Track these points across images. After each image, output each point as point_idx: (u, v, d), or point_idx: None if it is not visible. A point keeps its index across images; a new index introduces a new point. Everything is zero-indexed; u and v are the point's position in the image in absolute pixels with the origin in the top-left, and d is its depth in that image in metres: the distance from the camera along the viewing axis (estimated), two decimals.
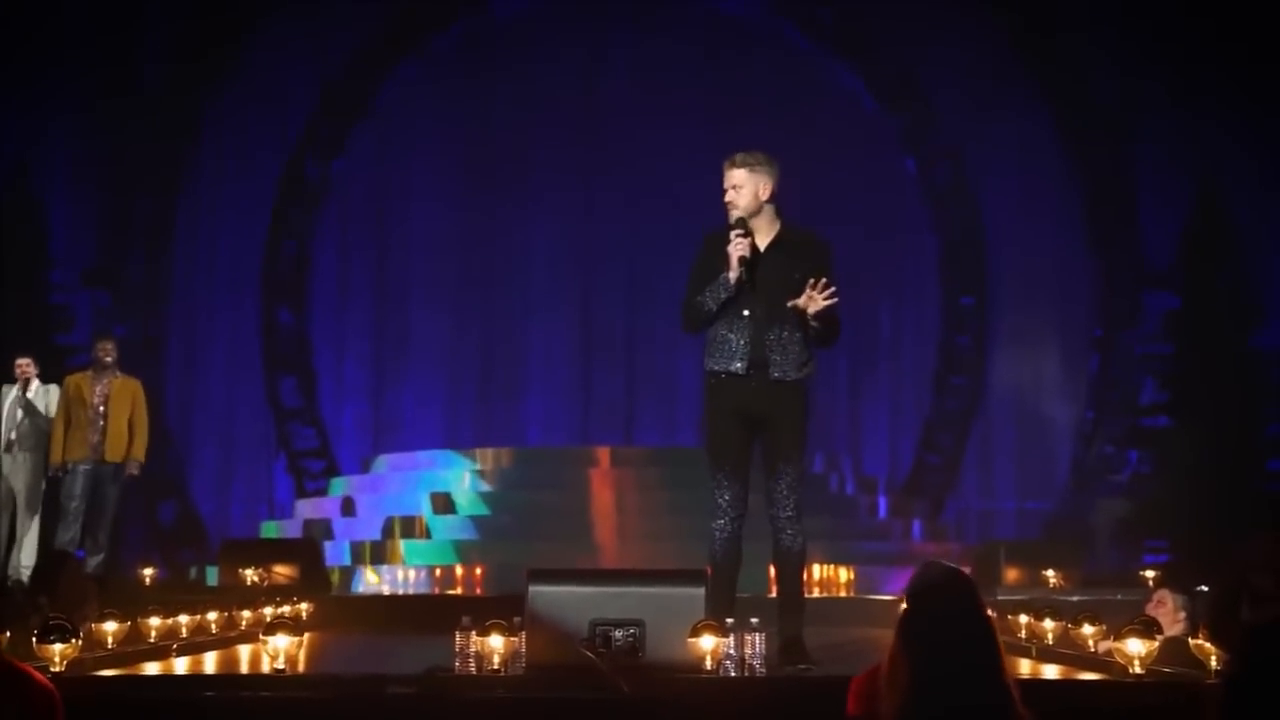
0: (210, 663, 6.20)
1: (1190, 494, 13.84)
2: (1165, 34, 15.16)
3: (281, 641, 4.78)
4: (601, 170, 16.70)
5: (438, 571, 11.93)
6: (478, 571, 11.80)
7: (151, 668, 5.75)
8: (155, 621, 6.21)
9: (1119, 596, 8.86)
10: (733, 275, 5.77)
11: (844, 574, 11.64)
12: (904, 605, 3.26)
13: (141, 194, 16.49)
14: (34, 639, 4.84)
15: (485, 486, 13.38)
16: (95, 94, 16.16)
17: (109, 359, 10.70)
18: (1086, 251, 16.21)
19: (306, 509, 14.76)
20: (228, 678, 5.42)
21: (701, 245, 6.06)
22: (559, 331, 17.12)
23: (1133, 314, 15.85)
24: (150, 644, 6.11)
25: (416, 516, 13.02)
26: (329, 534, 13.23)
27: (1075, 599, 8.54)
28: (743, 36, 16.72)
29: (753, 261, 5.79)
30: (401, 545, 12.51)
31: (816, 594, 11.03)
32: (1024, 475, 16.28)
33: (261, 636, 4.92)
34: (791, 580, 5.93)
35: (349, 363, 17.30)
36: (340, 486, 14.95)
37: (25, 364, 10.85)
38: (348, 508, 14.06)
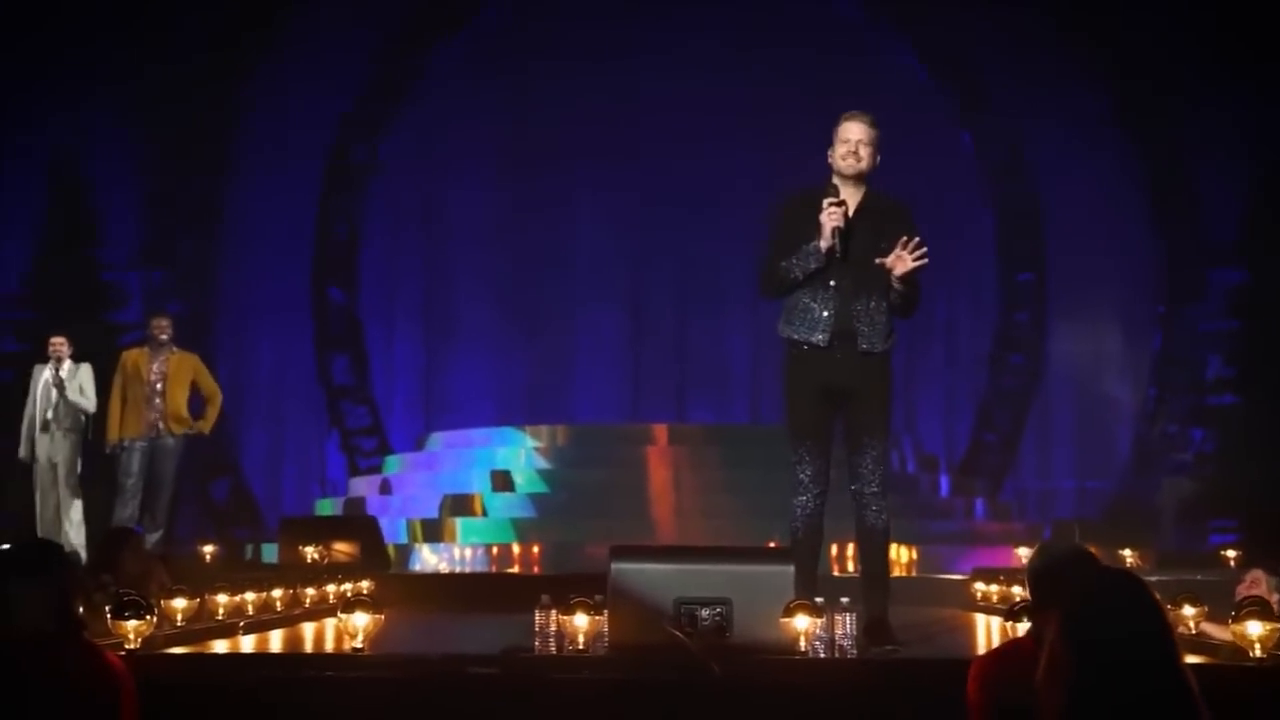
0: (277, 640, 6.10)
1: (1260, 472, 13.55)
2: (1226, 6, 14.82)
3: (360, 619, 4.65)
4: (651, 148, 16.52)
5: (495, 549, 11.82)
6: (535, 550, 11.68)
7: (219, 645, 5.65)
8: (223, 599, 6.11)
9: (1199, 577, 8.64)
10: (824, 245, 5.56)
11: (906, 553, 11.44)
12: (1067, 594, 3.06)
13: (191, 174, 16.45)
14: (107, 616, 4.73)
15: (543, 464, 13.26)
16: (144, 75, 16.11)
17: (164, 336, 10.64)
18: (1148, 227, 15.93)
19: (361, 486, 14.71)
20: (306, 657, 5.31)
21: (781, 208, 5.84)
22: (609, 309, 17.00)
23: (1196, 290, 15.55)
24: (218, 621, 6.01)
25: (472, 494, 12.92)
26: (384, 511, 13.14)
27: (1154, 579, 8.33)
28: (792, 12, 16.48)
29: (844, 232, 5.59)
30: (458, 523, 12.41)
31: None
32: (1084, 454, 16.04)
33: (340, 615, 4.79)
34: (877, 558, 5.74)
35: (400, 341, 17.25)
36: (395, 464, 14.88)
37: (59, 343, 10.78)
38: (402, 485, 13.99)
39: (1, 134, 15.99)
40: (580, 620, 4.71)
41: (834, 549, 10.41)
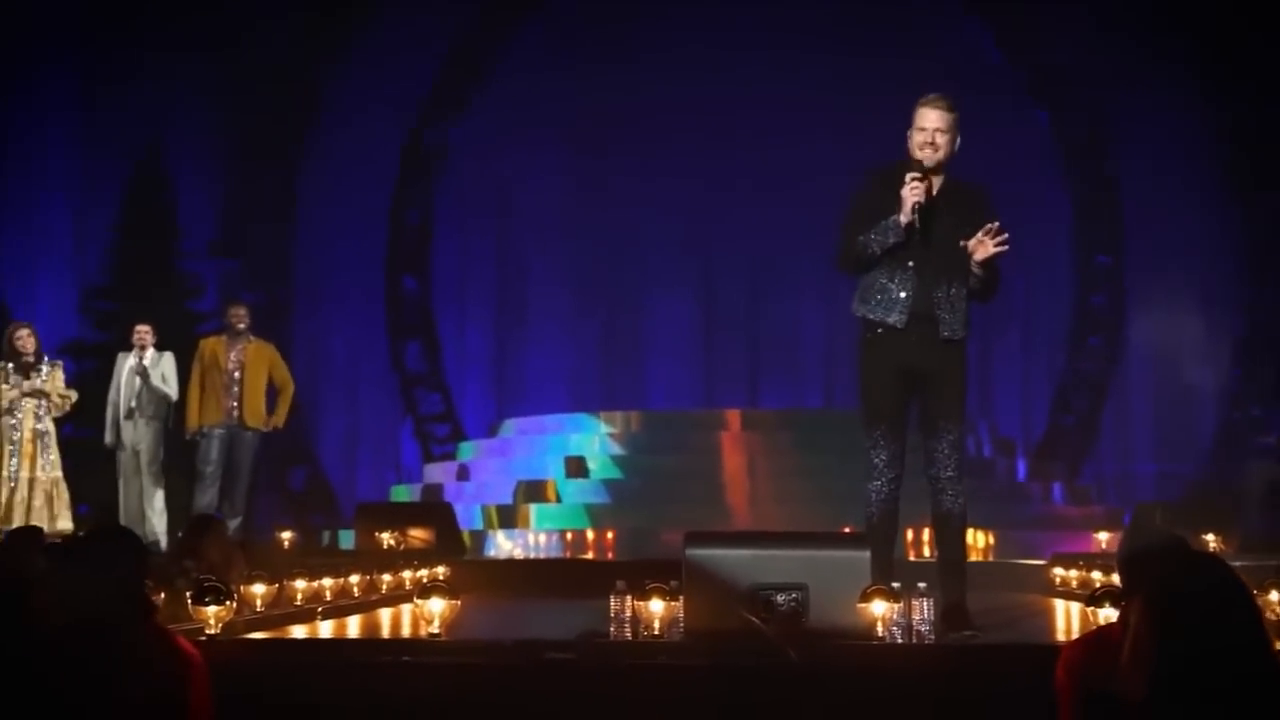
0: (354, 626, 6.14)
1: None
2: None
3: (437, 605, 4.67)
4: (723, 135, 16.47)
5: (569, 535, 11.85)
6: (609, 535, 11.70)
7: (297, 630, 5.70)
8: (301, 584, 6.16)
9: None
10: (904, 219, 5.48)
11: (983, 538, 11.33)
12: (1153, 579, 3.00)
13: (266, 165, 16.63)
14: (189, 601, 4.78)
15: (616, 449, 13.28)
16: (220, 68, 16.30)
17: (242, 325, 10.72)
18: (1229, 208, 15.65)
19: (435, 473, 14.80)
20: (384, 642, 5.34)
21: (864, 182, 5.75)
22: (681, 296, 16.98)
23: None
24: (296, 607, 6.06)
25: (546, 480, 12.96)
26: (458, 498, 13.22)
27: (1238, 564, 8.18)
28: None
29: (925, 211, 5.51)
30: (532, 509, 12.45)
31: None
32: (1164, 438, 15.82)
33: (416, 600, 4.81)
34: (953, 544, 5.67)
35: (472, 329, 17.34)
36: (468, 450, 14.96)
37: (144, 331, 10.88)
38: (476, 472, 14.06)
39: (85, 127, 16.25)
40: (656, 606, 4.69)
41: (909, 534, 10.33)
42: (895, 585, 4.81)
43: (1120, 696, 2.85)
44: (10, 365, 10.10)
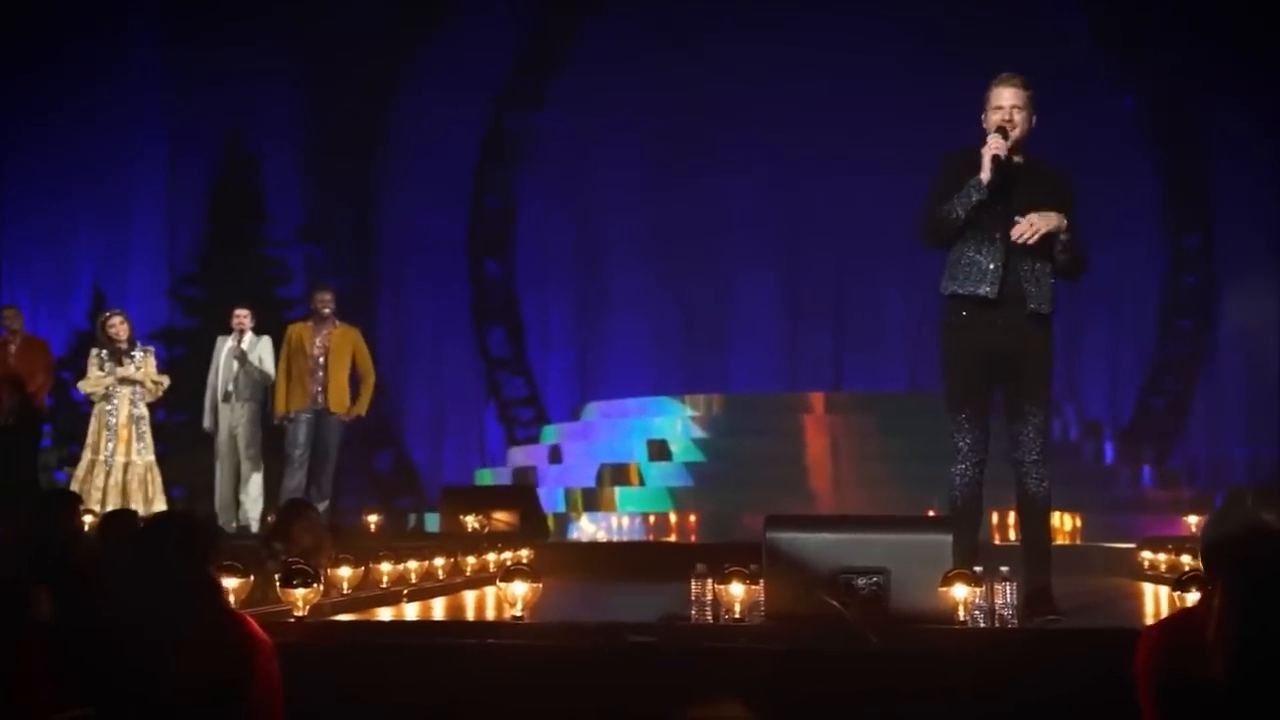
0: (439, 608, 6.21)
1: None
2: None
3: (519, 588, 4.71)
4: (804, 121, 16.38)
5: (652, 518, 11.89)
6: (692, 519, 11.72)
7: (384, 612, 5.77)
8: (387, 567, 6.24)
9: None
10: (985, 176, 5.43)
11: (1070, 521, 11.20)
12: (1237, 561, 2.96)
13: (349, 151, 16.80)
14: (276, 583, 4.87)
15: (700, 433, 13.29)
16: (304, 56, 16.50)
17: (327, 310, 10.81)
18: None
19: (519, 456, 14.90)
20: (468, 624, 5.40)
21: (941, 163, 5.70)
22: (764, 280, 16.94)
23: None
24: (382, 589, 6.14)
25: (630, 464, 13.00)
26: (541, 481, 13.30)
27: None
28: None
29: (1006, 175, 5.45)
30: (616, 492, 12.50)
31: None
32: (1257, 420, 15.52)
33: (499, 583, 4.86)
34: (1038, 528, 5.61)
35: (555, 313, 17.42)
36: (552, 434, 15.04)
37: (243, 315, 11.04)
38: (559, 455, 14.14)
39: (172, 115, 16.52)
40: (736, 589, 4.70)
41: (994, 517, 10.24)
42: (978, 569, 4.78)
43: (1204, 680, 2.81)
44: (104, 352, 10.30)
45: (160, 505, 10.14)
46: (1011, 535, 10.32)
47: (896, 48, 16.03)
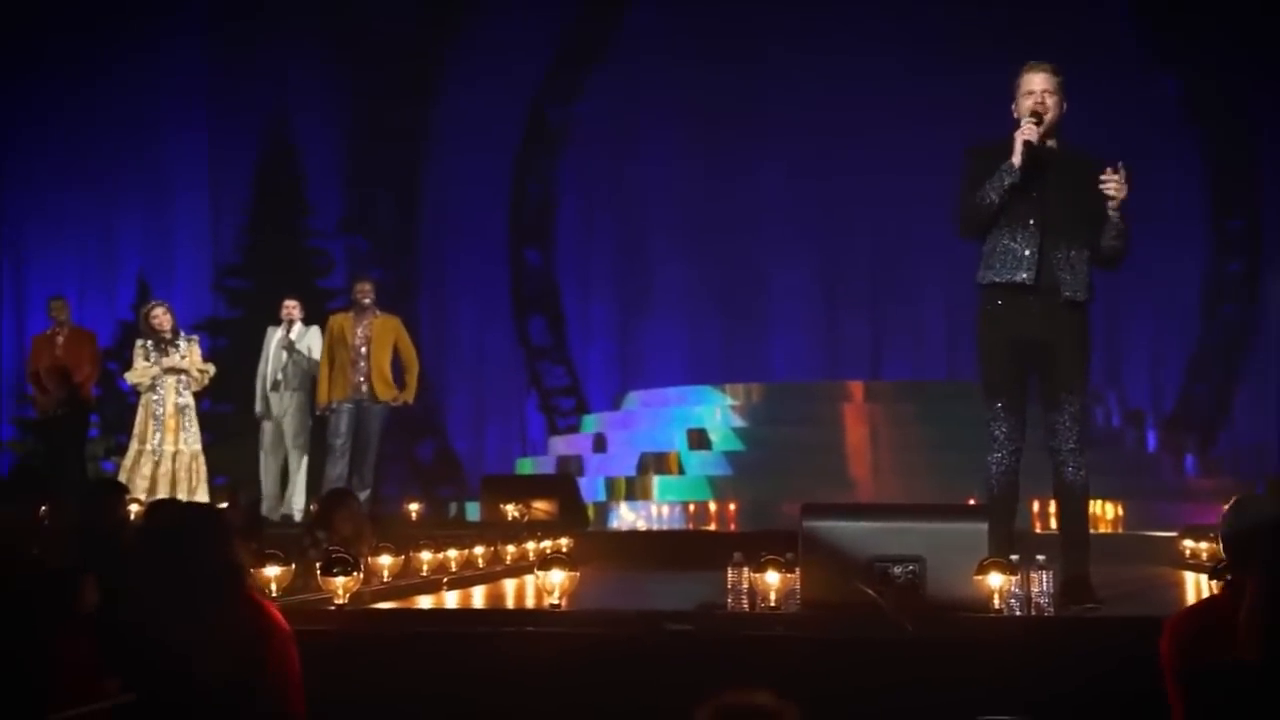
0: (479, 596, 6.27)
1: None
2: None
3: (556, 577, 4.76)
4: (840, 108, 16.34)
5: (691, 508, 11.92)
6: (731, 507, 11.75)
7: (423, 601, 5.83)
8: (427, 556, 6.30)
9: None
10: (1016, 160, 5.43)
11: (1112, 509, 11.16)
12: (1267, 561, 2.97)
13: (390, 141, 16.89)
14: (317, 571, 4.93)
15: (739, 422, 13.30)
16: (344, 45, 16.60)
17: (367, 300, 10.86)
18: None
19: (560, 445, 14.95)
20: (506, 613, 5.45)
21: (967, 160, 5.70)
22: (802, 268, 16.92)
23: None
24: (422, 577, 6.20)
25: (669, 452, 13.03)
26: (582, 470, 13.36)
27: None
28: None
29: (1037, 159, 5.44)
30: (655, 481, 12.54)
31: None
32: None
33: (537, 572, 4.91)
34: (1075, 516, 5.61)
35: (595, 301, 17.46)
36: (592, 423, 15.09)
37: (292, 305, 11.13)
38: (600, 444, 14.18)
39: (214, 104, 16.66)
40: (772, 578, 4.73)
41: (1035, 506, 10.22)
42: (1014, 558, 4.79)
43: (1230, 665, 2.83)
44: (149, 343, 10.42)
45: (204, 494, 10.26)
46: (1052, 524, 10.31)
47: (937, 34, 15.97)
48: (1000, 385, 5.58)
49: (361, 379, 10.65)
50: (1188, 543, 8.05)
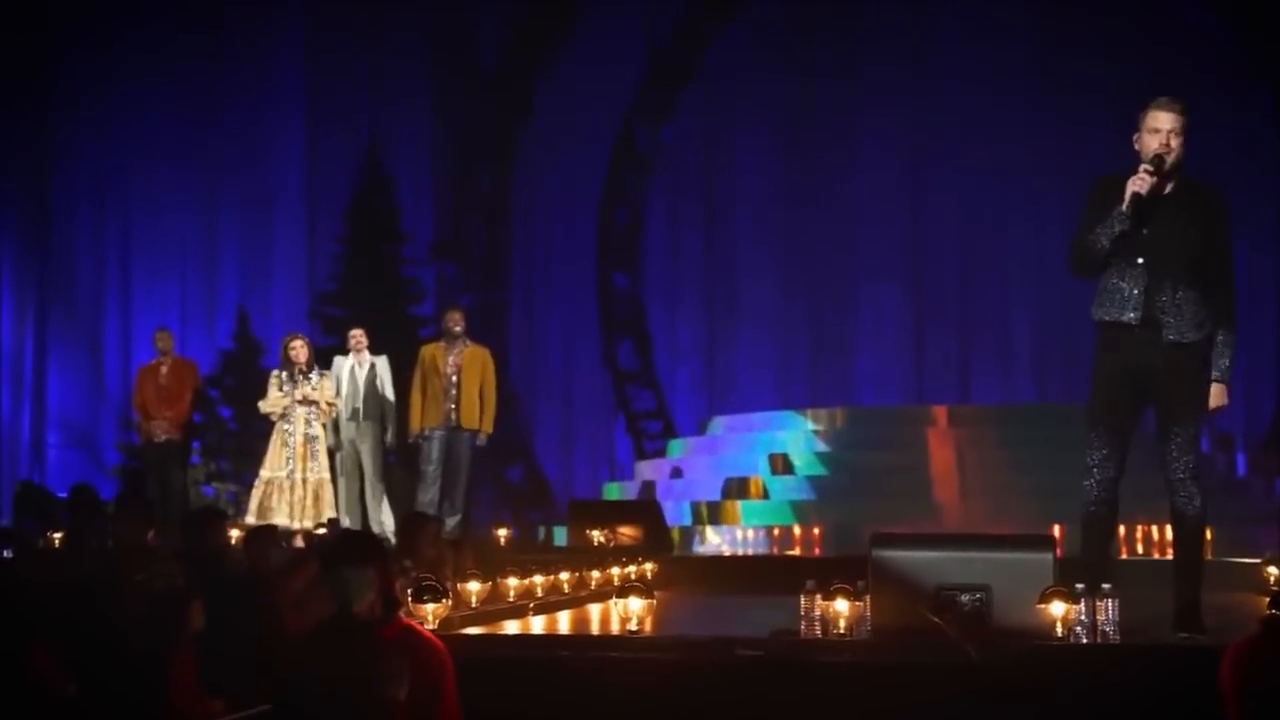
0: (564, 621, 6.46)
1: None
2: None
3: (634, 604, 4.94)
4: (931, 129, 16.42)
5: (775, 532, 12.04)
6: (815, 532, 11.84)
7: (510, 626, 6.03)
8: (513, 582, 6.51)
9: None
10: (1125, 208, 5.45)
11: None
12: None
13: (480, 167, 17.22)
14: (409, 599, 5.15)
15: (822, 447, 13.40)
16: (437, 73, 17.00)
17: (458, 329, 11.09)
18: None
19: (646, 470, 15.12)
20: (586, 639, 5.63)
21: (1090, 190, 5.73)
22: (889, 292, 16.98)
23: None
24: (509, 603, 6.40)
25: (753, 477, 13.16)
26: (668, 494, 13.52)
27: None
28: None
29: (1147, 204, 5.46)
30: (739, 506, 12.68)
31: (1170, 556, 10.55)
32: None
33: (615, 599, 5.09)
34: (1187, 544, 5.62)
35: (682, 325, 17.63)
36: (678, 448, 15.24)
37: (359, 335, 11.41)
38: (686, 469, 14.33)
39: (311, 131, 17.09)
40: (842, 605, 4.88)
41: (1120, 531, 10.21)
42: (1079, 586, 4.90)
43: None
44: (284, 374, 10.73)
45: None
46: (1140, 550, 10.34)
47: (1027, 58, 16.02)
48: (1101, 413, 5.65)
49: (453, 406, 10.88)
50: (1272, 569, 8.04)
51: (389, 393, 11.18)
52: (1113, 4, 15.90)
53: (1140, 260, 5.50)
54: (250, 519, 10.27)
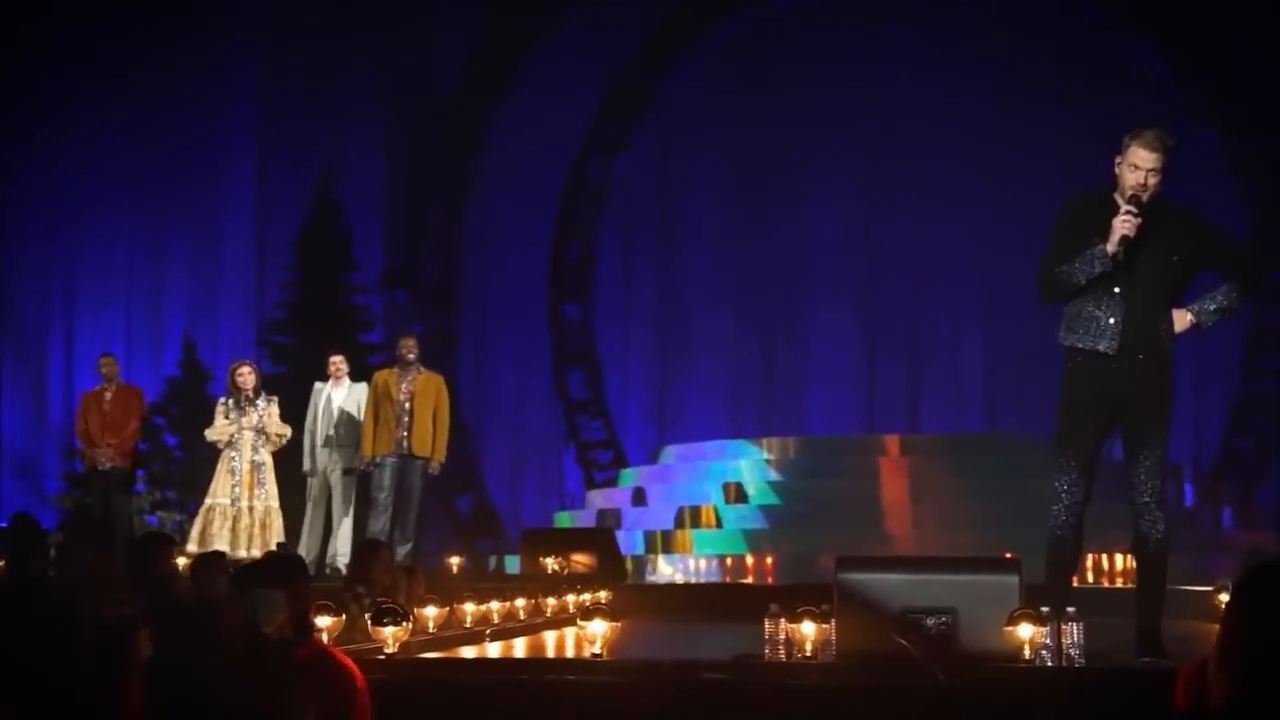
0: (520, 647, 6.39)
1: None
2: None
3: (599, 627, 4.87)
4: (882, 162, 16.54)
5: (728, 561, 12.00)
6: (768, 561, 11.82)
7: (467, 651, 5.95)
8: (470, 607, 6.43)
9: None
10: (1111, 249, 5.40)
11: None
12: (1239, 589, 3.11)
13: (433, 198, 17.16)
14: (367, 622, 5.06)
15: (775, 475, 13.40)
16: (391, 103, 16.94)
17: (412, 356, 10.98)
18: None
19: (598, 499, 15.07)
20: (547, 662, 5.56)
21: (1064, 208, 5.63)
22: (840, 322, 17.06)
23: None
24: (465, 629, 6.33)
25: (706, 506, 13.13)
26: (620, 523, 13.47)
27: None
28: (1028, 16, 16.23)
29: (1133, 242, 5.40)
30: (691, 535, 12.64)
31: (1120, 585, 10.63)
32: None
33: (579, 622, 5.02)
34: (1151, 569, 5.59)
35: (633, 355, 17.63)
36: (630, 477, 15.21)
37: (339, 361, 11.30)
38: (638, 498, 14.30)
39: (265, 165, 16.97)
40: (808, 628, 4.83)
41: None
42: (1045, 609, 4.88)
43: (1209, 713, 2.95)
44: (230, 401, 10.60)
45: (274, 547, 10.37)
46: (1090, 579, 10.37)
47: (975, 88, 16.16)
48: (1069, 438, 5.60)
49: (405, 434, 10.78)
50: (1223, 597, 8.07)
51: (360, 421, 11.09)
52: (1064, 44, 16.11)
53: (1117, 290, 5.45)
54: (192, 546, 10.10)
